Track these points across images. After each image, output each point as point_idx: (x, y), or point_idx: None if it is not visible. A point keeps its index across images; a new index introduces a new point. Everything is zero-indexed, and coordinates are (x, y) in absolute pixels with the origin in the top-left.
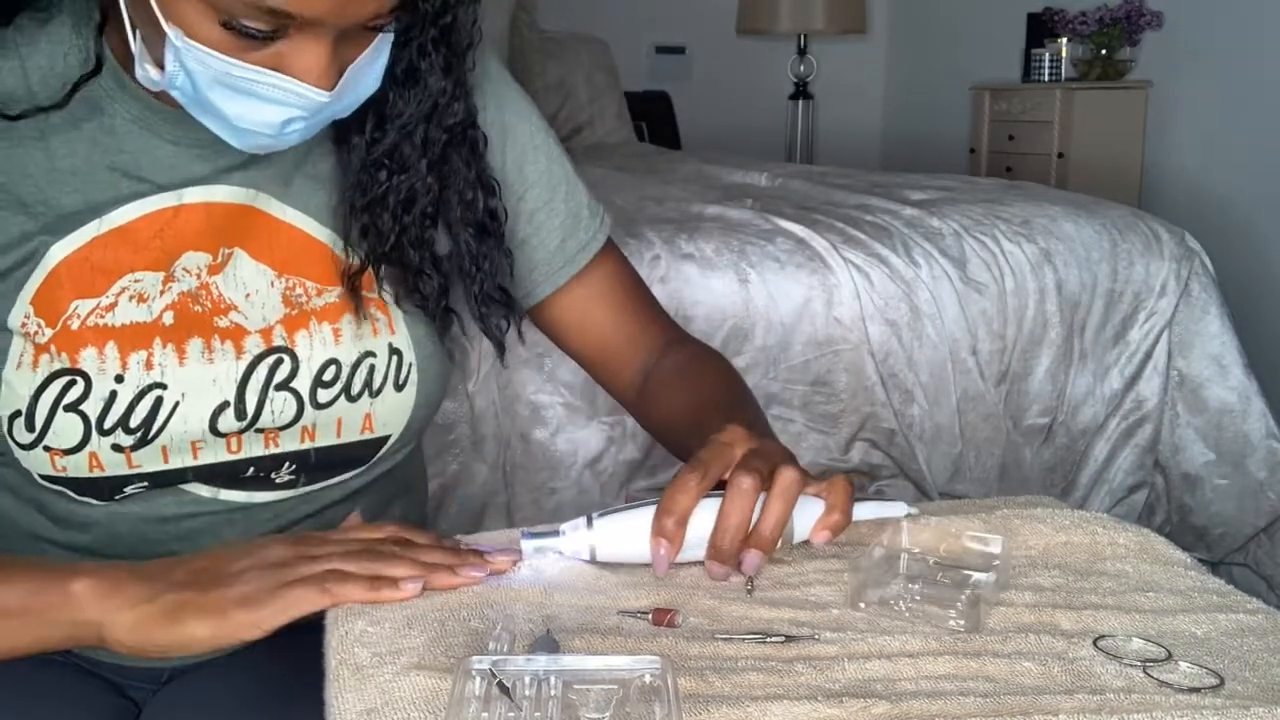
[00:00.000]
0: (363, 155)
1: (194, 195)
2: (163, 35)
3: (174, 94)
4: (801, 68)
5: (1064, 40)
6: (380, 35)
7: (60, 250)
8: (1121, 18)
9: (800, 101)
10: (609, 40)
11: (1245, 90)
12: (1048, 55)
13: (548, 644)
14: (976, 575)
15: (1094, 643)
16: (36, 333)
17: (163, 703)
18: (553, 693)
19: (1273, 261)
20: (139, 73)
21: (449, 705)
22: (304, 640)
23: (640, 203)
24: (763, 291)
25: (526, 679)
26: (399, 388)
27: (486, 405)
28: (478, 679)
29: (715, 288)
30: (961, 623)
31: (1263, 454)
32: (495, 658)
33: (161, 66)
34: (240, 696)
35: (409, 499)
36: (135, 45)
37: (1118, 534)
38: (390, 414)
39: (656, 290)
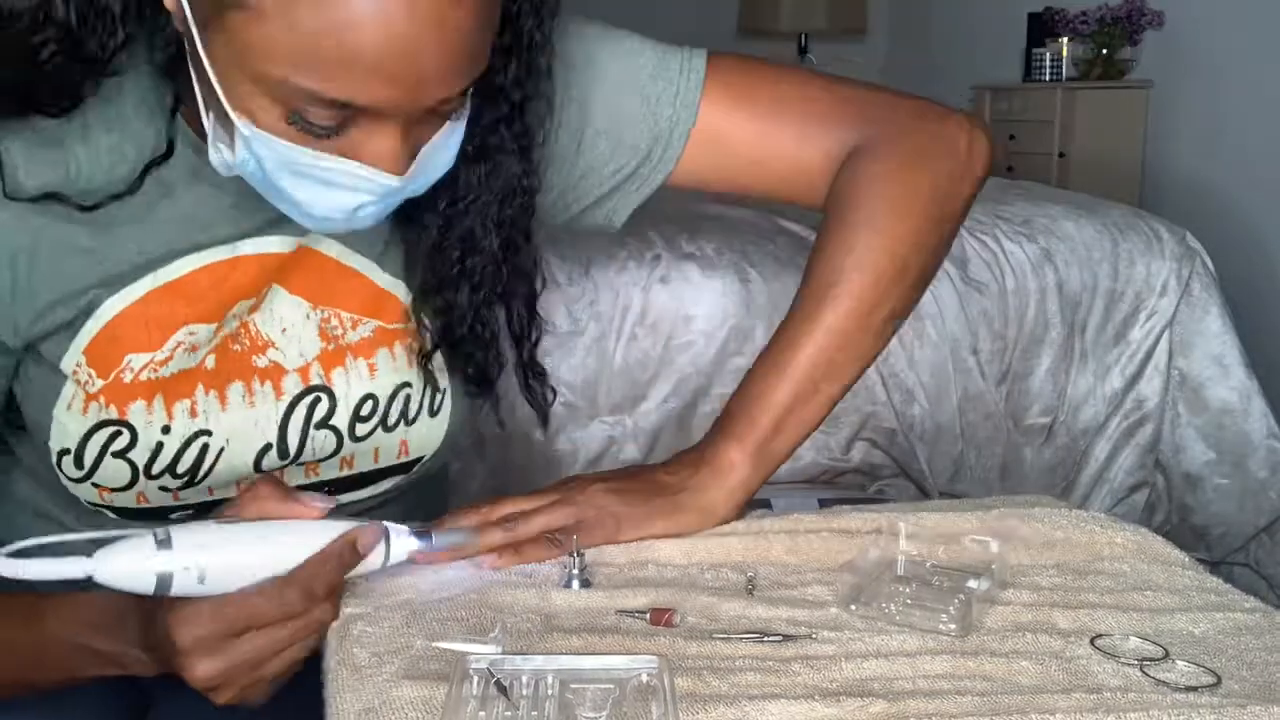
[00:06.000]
0: (434, 238)
1: (249, 247)
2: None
3: (245, 178)
4: None
5: (1065, 40)
6: (454, 116)
7: (115, 304)
8: (1122, 17)
9: None
10: None
11: (1245, 90)
12: (1048, 55)
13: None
14: (971, 579)
15: (1091, 642)
16: (87, 382)
17: (175, 693)
18: (550, 692)
19: (1273, 261)
20: (212, 155)
21: (446, 704)
22: None
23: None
24: (764, 291)
25: (524, 678)
26: (433, 414)
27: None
28: (475, 678)
29: (716, 287)
30: (953, 627)
31: (1263, 454)
32: (494, 657)
33: (232, 144)
34: None
35: (435, 498)
36: (209, 124)
37: (1115, 533)
38: (425, 438)
39: (657, 290)
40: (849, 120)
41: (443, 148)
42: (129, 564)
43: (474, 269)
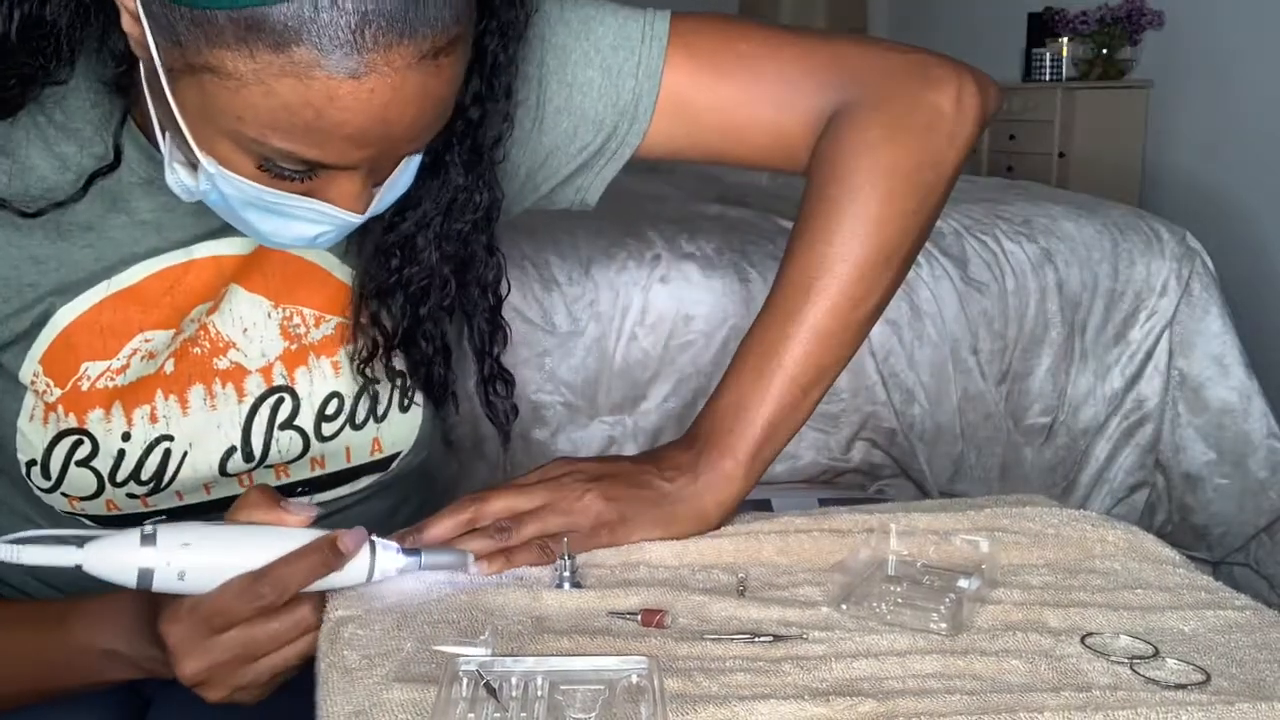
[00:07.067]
0: (376, 239)
1: (204, 250)
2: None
3: (207, 204)
4: None
5: (1065, 40)
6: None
7: (69, 313)
8: (1122, 17)
9: None
10: None
11: (1245, 90)
12: (1048, 55)
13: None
14: (962, 578)
15: (1081, 640)
16: (45, 391)
17: (173, 696)
18: (539, 693)
19: (1273, 261)
20: (169, 177)
21: (435, 706)
22: None
23: (641, 202)
24: (764, 291)
25: (513, 680)
26: (404, 409)
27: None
28: (465, 680)
29: (716, 287)
30: (944, 626)
31: (1264, 453)
32: (483, 659)
33: (193, 166)
34: None
35: (425, 493)
36: (165, 146)
37: (1106, 531)
38: (398, 434)
39: (657, 290)
40: (828, 82)
41: (400, 179)
42: (113, 557)
43: (410, 278)
